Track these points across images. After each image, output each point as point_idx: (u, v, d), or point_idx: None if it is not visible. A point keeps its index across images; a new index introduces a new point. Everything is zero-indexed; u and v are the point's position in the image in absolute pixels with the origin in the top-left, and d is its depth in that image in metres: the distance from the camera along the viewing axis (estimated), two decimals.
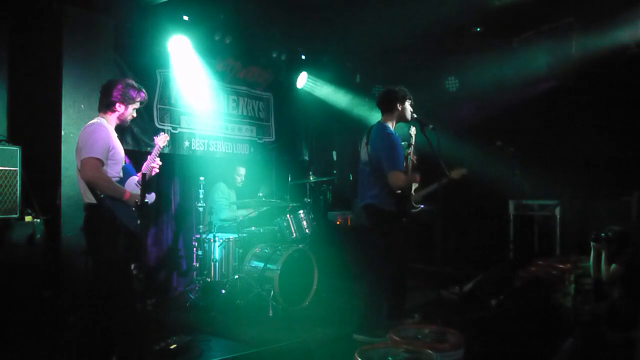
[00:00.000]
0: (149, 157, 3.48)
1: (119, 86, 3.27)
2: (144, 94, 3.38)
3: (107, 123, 3.25)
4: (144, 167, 3.44)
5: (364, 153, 4.10)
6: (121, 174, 3.25)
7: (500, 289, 4.59)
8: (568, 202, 5.97)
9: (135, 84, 3.34)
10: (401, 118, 4.09)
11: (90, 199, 3.10)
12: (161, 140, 3.61)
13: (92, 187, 3.06)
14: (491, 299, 4.53)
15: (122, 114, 3.30)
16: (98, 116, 3.29)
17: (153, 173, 3.48)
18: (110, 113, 3.28)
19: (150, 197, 3.48)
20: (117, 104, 3.26)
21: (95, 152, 3.05)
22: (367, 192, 4.01)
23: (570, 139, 5.88)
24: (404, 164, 4.02)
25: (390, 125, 4.06)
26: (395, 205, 3.92)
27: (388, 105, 4.08)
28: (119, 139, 3.34)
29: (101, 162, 3.07)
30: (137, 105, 3.36)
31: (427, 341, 2.47)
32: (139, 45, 5.21)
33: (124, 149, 3.42)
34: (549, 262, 4.13)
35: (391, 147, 3.89)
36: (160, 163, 3.53)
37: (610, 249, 4.02)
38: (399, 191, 3.89)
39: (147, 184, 3.39)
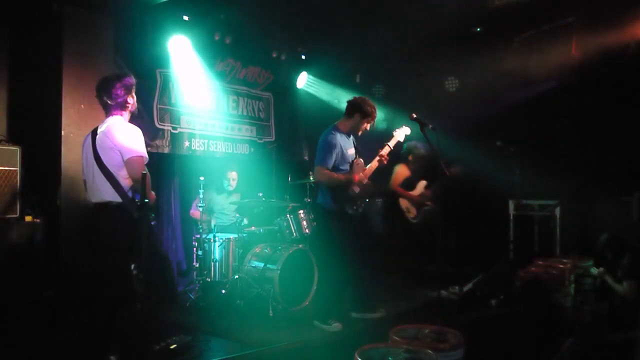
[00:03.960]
0: None
1: (116, 84, 3.25)
2: (130, 78, 3.36)
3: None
4: None
5: None
6: None
7: (500, 289, 4.59)
8: (568, 202, 5.97)
9: (119, 72, 3.39)
10: (354, 129, 4.29)
11: (115, 197, 3.11)
12: None
13: (137, 186, 3.09)
14: (491, 299, 4.53)
15: (133, 104, 3.34)
16: (114, 116, 3.25)
17: None
18: (125, 111, 3.30)
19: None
20: (127, 98, 3.28)
21: (144, 151, 3.17)
22: (318, 195, 4.32)
23: (570, 139, 5.88)
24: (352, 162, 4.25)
25: (342, 129, 4.28)
26: (335, 203, 4.14)
27: (350, 111, 4.30)
28: None
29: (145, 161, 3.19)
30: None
31: (427, 341, 2.46)
32: (139, 45, 5.21)
33: None
34: (549, 262, 4.13)
35: (323, 147, 4.15)
36: None
37: (607, 260, 4.06)
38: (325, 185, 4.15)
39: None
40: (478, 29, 5.94)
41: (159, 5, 4.71)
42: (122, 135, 3.15)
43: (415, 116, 4.07)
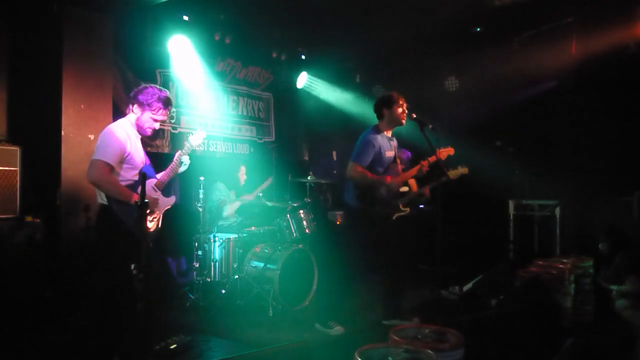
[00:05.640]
0: (176, 154, 3.40)
1: (140, 87, 3.20)
2: (161, 105, 3.17)
3: (130, 126, 3.19)
4: (170, 167, 3.38)
5: None
6: (137, 178, 3.17)
7: (500, 289, 4.59)
8: (568, 202, 5.97)
9: (157, 91, 3.17)
10: (392, 122, 4.19)
11: (103, 199, 3.08)
12: (194, 138, 3.41)
13: (98, 189, 3.06)
14: (491, 299, 4.53)
15: (138, 118, 3.19)
16: (126, 116, 3.24)
17: (180, 171, 3.43)
18: (128, 114, 3.22)
19: (170, 200, 3.45)
20: (131, 105, 3.19)
21: (105, 155, 3.00)
22: (344, 192, 4.22)
23: (570, 139, 5.88)
24: (391, 165, 4.15)
25: (382, 129, 4.19)
26: (361, 201, 4.05)
27: (377, 112, 4.25)
28: None
29: (109, 167, 3.02)
30: (157, 115, 3.19)
31: (427, 341, 2.46)
32: (139, 45, 5.21)
33: None
34: (549, 262, 4.13)
35: (360, 144, 4.07)
36: (189, 161, 3.43)
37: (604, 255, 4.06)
38: (356, 183, 4.07)
39: (168, 186, 3.41)
40: (478, 29, 5.94)
41: (159, 5, 4.71)
42: (101, 134, 3.09)
43: (415, 116, 4.06)
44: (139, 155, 3.22)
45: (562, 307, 3.65)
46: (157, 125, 3.27)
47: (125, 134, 3.11)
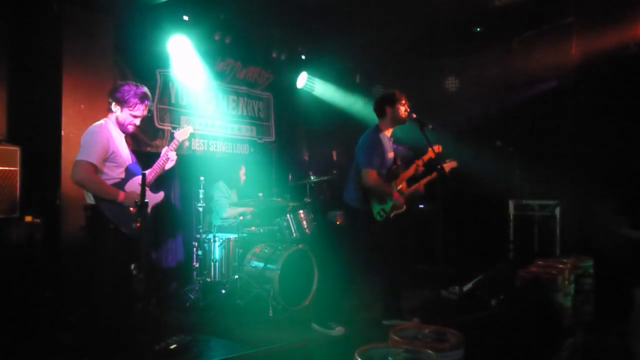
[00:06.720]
0: (163, 150, 3.43)
1: (117, 85, 3.27)
2: (137, 101, 3.22)
3: (112, 125, 3.24)
4: (157, 163, 3.41)
5: None
6: (123, 176, 3.22)
7: (500, 289, 4.59)
8: (568, 202, 5.97)
9: (134, 87, 3.24)
10: (395, 120, 4.17)
11: (90, 199, 3.12)
12: (181, 134, 3.49)
13: (84, 189, 3.08)
14: (491, 299, 4.52)
15: (118, 116, 3.25)
16: (106, 117, 3.29)
17: (167, 167, 3.46)
18: (109, 114, 3.28)
19: (158, 196, 3.47)
20: (112, 104, 3.24)
21: (88, 155, 3.04)
22: (344, 191, 4.18)
23: (570, 139, 5.87)
24: (392, 170, 4.13)
25: (384, 129, 4.16)
26: (363, 202, 4.02)
27: (378, 111, 4.21)
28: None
29: (93, 167, 3.05)
30: (134, 111, 3.25)
31: (427, 341, 2.46)
32: (139, 45, 5.21)
33: None
34: (549, 262, 4.12)
35: (369, 146, 4.02)
36: (176, 157, 3.47)
37: None
38: (369, 189, 4.01)
39: (156, 182, 3.42)
40: (478, 29, 5.94)
41: (159, 5, 4.72)
42: (84, 135, 3.13)
43: (415, 116, 4.06)
44: (124, 153, 3.25)
45: (562, 307, 3.65)
46: (137, 122, 3.32)
47: (107, 133, 3.15)
